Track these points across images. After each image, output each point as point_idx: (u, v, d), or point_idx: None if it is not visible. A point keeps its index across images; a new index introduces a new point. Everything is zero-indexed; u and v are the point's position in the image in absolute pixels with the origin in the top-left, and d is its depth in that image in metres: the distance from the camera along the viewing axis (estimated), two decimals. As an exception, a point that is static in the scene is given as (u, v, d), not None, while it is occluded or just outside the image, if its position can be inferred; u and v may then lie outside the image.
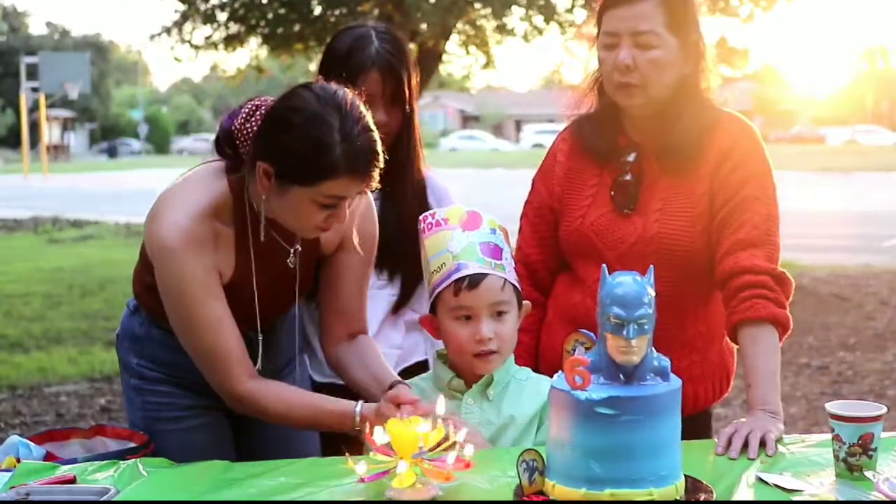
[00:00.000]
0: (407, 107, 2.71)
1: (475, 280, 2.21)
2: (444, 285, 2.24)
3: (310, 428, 2.39)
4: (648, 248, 2.39)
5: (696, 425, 2.38)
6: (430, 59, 10.14)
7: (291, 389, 2.34)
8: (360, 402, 2.25)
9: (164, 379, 2.46)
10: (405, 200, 2.72)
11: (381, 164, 2.17)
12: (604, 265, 1.86)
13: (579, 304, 2.45)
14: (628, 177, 2.44)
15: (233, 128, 2.25)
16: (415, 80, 2.73)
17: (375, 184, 2.19)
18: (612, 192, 2.45)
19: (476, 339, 2.21)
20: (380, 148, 2.16)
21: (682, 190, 2.41)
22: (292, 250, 2.35)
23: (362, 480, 1.87)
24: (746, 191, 2.36)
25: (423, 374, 2.41)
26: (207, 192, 2.27)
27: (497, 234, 2.29)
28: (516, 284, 2.28)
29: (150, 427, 2.47)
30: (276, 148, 2.15)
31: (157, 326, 2.44)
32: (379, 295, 2.75)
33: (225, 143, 2.28)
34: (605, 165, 2.48)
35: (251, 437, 2.54)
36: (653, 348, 1.83)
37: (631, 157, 2.44)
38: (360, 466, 1.87)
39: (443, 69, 12.31)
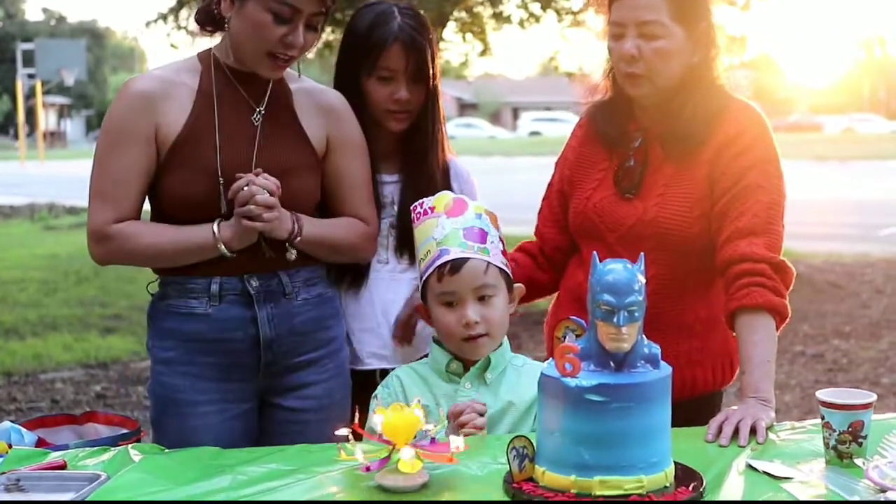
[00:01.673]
0: (431, 84, 2.67)
1: (457, 265, 2.23)
2: (428, 272, 2.26)
3: (179, 259, 2.39)
4: (647, 231, 2.40)
5: (697, 410, 2.35)
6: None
7: (156, 224, 2.41)
8: (220, 220, 2.36)
9: (174, 361, 2.41)
10: (430, 182, 2.67)
11: None
12: (594, 252, 1.86)
13: (582, 283, 2.46)
14: (632, 162, 2.46)
15: None
16: (438, 58, 2.70)
17: (331, 2, 2.35)
18: (617, 177, 2.48)
19: (463, 323, 2.23)
20: None
21: (685, 175, 2.42)
22: (258, 109, 2.43)
23: (368, 469, 1.86)
24: (749, 178, 2.36)
25: (421, 360, 2.41)
26: (177, 62, 2.49)
27: (483, 218, 2.30)
28: (503, 267, 2.29)
29: (160, 419, 2.44)
30: None
31: (165, 298, 2.44)
32: (401, 279, 2.71)
33: (204, 12, 2.44)
34: (615, 151, 2.51)
35: (271, 435, 2.50)
36: (643, 335, 1.83)
37: (637, 143, 2.47)
38: (359, 454, 1.86)
39: (440, 57, 12.29)
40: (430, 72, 2.65)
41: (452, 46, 11.58)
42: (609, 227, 2.45)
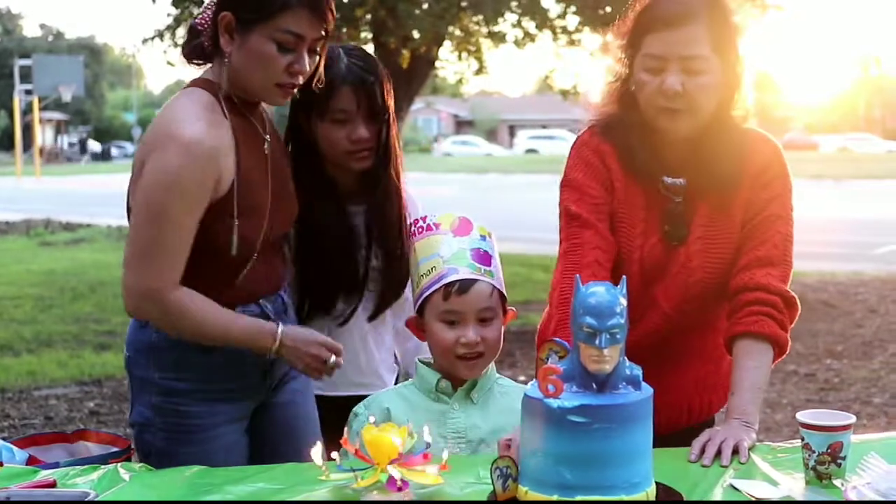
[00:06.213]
0: (385, 117, 2.66)
1: (465, 286, 2.26)
2: (433, 289, 2.28)
3: (224, 340, 2.33)
4: (692, 278, 2.39)
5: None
6: (424, 65, 10.16)
7: (212, 303, 2.29)
8: (283, 325, 2.34)
9: (191, 390, 2.37)
10: (398, 209, 2.72)
11: (334, 10, 2.30)
12: (577, 275, 1.88)
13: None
14: (679, 200, 2.38)
15: (196, 25, 2.36)
16: (389, 93, 2.68)
17: (332, 27, 2.30)
18: (665, 225, 2.40)
19: (462, 342, 2.26)
20: None
21: (721, 216, 2.39)
22: (266, 137, 2.41)
23: (399, 489, 1.88)
24: (771, 209, 2.37)
25: (406, 382, 2.44)
26: (193, 94, 2.33)
27: (487, 240, 2.33)
28: (503, 291, 2.32)
29: (173, 449, 2.36)
30: None
31: None
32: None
33: (192, 46, 2.38)
34: (650, 189, 2.40)
35: (262, 448, 2.52)
36: (625, 357, 1.85)
37: (680, 182, 2.38)
38: (392, 472, 1.88)
39: (436, 75, 12.34)
40: (383, 107, 2.65)
41: (449, 65, 11.66)
42: (656, 276, 2.41)
